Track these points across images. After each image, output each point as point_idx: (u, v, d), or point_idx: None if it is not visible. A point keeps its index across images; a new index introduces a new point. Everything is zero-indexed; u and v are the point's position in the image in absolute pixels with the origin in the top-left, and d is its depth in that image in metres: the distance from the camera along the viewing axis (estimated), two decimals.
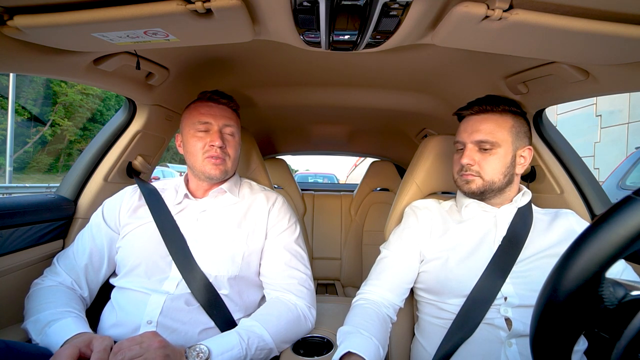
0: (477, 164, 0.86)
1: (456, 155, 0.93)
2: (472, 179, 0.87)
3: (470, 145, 0.87)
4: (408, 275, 0.90)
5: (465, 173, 0.87)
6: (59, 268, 0.88)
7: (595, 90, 0.83)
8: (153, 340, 0.63)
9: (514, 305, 0.77)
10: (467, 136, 0.88)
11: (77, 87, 18.33)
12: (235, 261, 0.87)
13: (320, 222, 2.37)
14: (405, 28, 0.62)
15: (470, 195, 0.90)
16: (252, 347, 0.73)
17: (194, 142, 0.92)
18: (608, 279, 0.36)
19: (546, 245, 0.82)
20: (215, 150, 0.91)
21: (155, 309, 0.79)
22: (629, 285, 0.36)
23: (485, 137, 0.85)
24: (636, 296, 0.35)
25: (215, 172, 0.92)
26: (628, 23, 0.56)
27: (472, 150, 0.87)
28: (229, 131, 0.95)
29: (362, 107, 1.46)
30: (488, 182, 0.86)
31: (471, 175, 0.87)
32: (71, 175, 1.10)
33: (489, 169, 0.85)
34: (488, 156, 0.85)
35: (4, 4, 0.57)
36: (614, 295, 0.35)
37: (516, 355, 0.73)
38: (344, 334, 0.77)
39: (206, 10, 0.55)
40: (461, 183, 0.90)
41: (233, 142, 0.96)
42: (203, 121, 0.91)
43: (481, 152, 0.86)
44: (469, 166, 0.86)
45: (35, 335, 0.72)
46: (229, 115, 0.96)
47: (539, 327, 0.38)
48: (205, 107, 0.93)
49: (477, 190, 0.87)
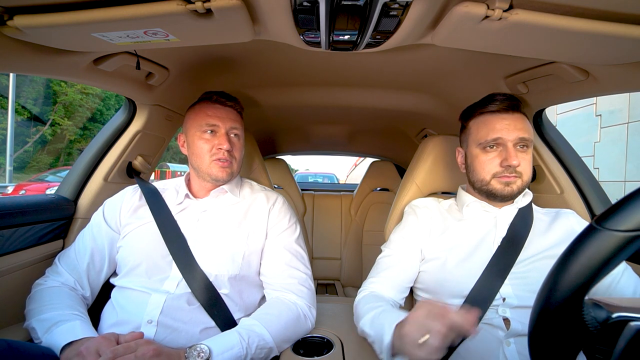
0: (520, 164, 0.81)
1: (486, 155, 0.84)
2: (514, 180, 0.82)
3: (512, 144, 0.81)
4: (408, 273, 0.90)
5: (510, 175, 0.82)
6: (61, 268, 0.88)
7: (595, 90, 0.83)
8: (147, 348, 0.63)
9: (512, 306, 0.77)
10: (507, 133, 0.81)
11: (76, 86, 18.53)
12: (235, 261, 0.87)
13: (320, 222, 2.37)
14: (405, 28, 0.62)
15: (505, 199, 0.85)
16: (252, 346, 0.73)
17: (200, 144, 0.92)
18: (588, 301, 0.36)
19: (546, 246, 0.82)
20: (223, 153, 0.91)
21: (156, 308, 0.79)
22: (611, 306, 0.36)
23: (527, 135, 0.82)
24: (617, 318, 0.35)
25: (222, 174, 0.92)
26: (628, 23, 0.56)
27: (514, 149, 0.82)
28: (234, 133, 0.95)
29: (362, 107, 1.46)
30: (525, 182, 0.83)
31: (514, 176, 0.82)
32: (71, 175, 1.10)
33: (527, 168, 0.83)
34: (526, 155, 0.83)
35: (4, 4, 0.57)
36: (595, 319, 0.35)
37: (514, 354, 0.73)
38: (372, 320, 0.73)
39: (206, 10, 0.55)
40: (499, 186, 0.83)
41: (239, 145, 0.97)
42: (210, 123, 0.92)
43: (521, 151, 0.82)
44: (516, 167, 0.81)
45: (41, 334, 0.73)
46: (235, 117, 0.96)
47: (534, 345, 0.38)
48: (212, 108, 0.93)
49: (517, 192, 0.83)
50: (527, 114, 1.04)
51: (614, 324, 0.35)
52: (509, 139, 0.81)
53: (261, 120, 1.75)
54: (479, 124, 0.87)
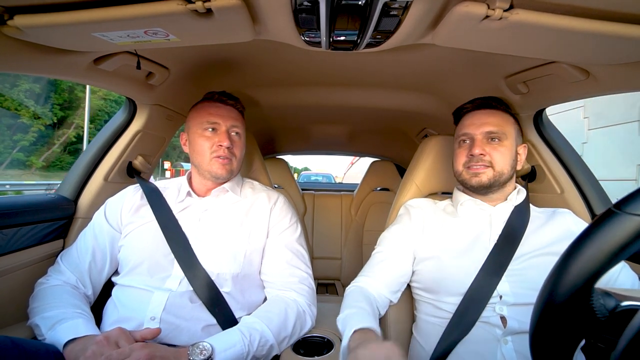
0: (489, 154, 0.86)
1: (460, 149, 0.92)
2: (482, 171, 0.86)
3: (480, 136, 0.87)
4: (399, 271, 0.91)
5: (476, 164, 0.86)
6: (63, 267, 0.88)
7: (595, 90, 0.83)
8: (141, 353, 0.63)
9: (509, 304, 0.77)
10: (475, 128, 0.88)
11: (98, 93, 21.12)
12: (237, 259, 0.88)
13: (320, 221, 2.37)
14: (406, 28, 0.62)
15: (477, 189, 0.88)
16: (254, 343, 0.73)
17: (201, 142, 0.93)
18: (598, 290, 0.36)
19: (543, 243, 0.83)
20: (223, 150, 0.92)
21: (159, 305, 0.80)
22: (619, 295, 0.36)
23: (495, 129, 0.87)
24: (626, 306, 0.35)
25: (222, 171, 0.93)
26: (628, 23, 0.56)
27: (482, 141, 0.87)
28: (235, 132, 0.96)
29: (362, 107, 1.46)
30: (498, 173, 0.86)
31: (483, 166, 0.86)
32: (71, 175, 1.10)
33: (500, 159, 0.86)
34: (498, 147, 0.86)
35: (4, 3, 0.57)
36: (605, 306, 0.35)
37: (512, 352, 0.74)
38: (343, 320, 0.77)
39: (206, 10, 0.55)
40: (468, 176, 0.88)
41: (239, 143, 0.98)
42: (211, 121, 0.93)
43: (490, 143, 0.87)
44: (481, 156, 0.86)
45: (45, 331, 0.73)
46: (236, 116, 0.97)
47: (536, 341, 0.38)
48: (213, 107, 0.95)
49: (487, 182, 0.86)
50: (525, 114, 1.05)
51: (622, 312, 0.35)
52: (476, 133, 0.88)
53: (262, 120, 1.75)
54: (459, 123, 0.96)
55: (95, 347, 0.64)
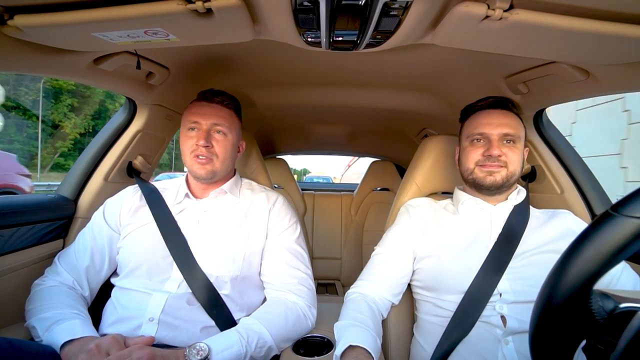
0: (504, 155, 0.86)
1: (472, 147, 0.90)
2: (497, 170, 0.86)
3: (497, 137, 0.87)
4: (400, 272, 0.91)
5: (493, 164, 0.86)
6: (60, 267, 0.88)
7: (596, 90, 0.83)
8: (141, 353, 0.63)
9: (508, 302, 0.77)
10: (492, 128, 0.87)
11: (120, 101, 23.71)
12: (236, 261, 0.87)
13: (320, 222, 2.37)
14: (406, 28, 0.62)
15: (489, 187, 0.87)
16: (251, 344, 0.73)
17: (184, 142, 0.93)
18: (597, 291, 0.36)
19: (543, 242, 0.83)
20: (200, 149, 0.90)
21: (157, 306, 0.79)
22: (618, 297, 0.36)
23: (512, 131, 0.87)
24: (625, 308, 0.35)
25: (200, 171, 0.91)
26: (628, 23, 0.56)
27: (498, 142, 0.87)
28: (218, 130, 0.93)
29: (363, 107, 1.46)
30: (511, 173, 0.86)
31: (498, 165, 0.86)
32: (71, 175, 1.10)
33: (515, 159, 0.87)
34: (513, 148, 0.87)
35: (4, 3, 0.57)
36: (603, 308, 0.35)
37: (513, 353, 0.74)
38: (341, 328, 0.78)
39: (206, 9, 0.55)
40: (482, 175, 0.87)
41: (223, 142, 0.93)
42: (192, 120, 0.91)
43: (506, 144, 0.87)
44: (498, 157, 0.86)
45: (41, 332, 0.73)
46: (221, 114, 0.94)
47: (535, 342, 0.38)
48: (197, 106, 0.93)
49: (500, 182, 0.86)
50: (525, 114, 1.04)
51: (621, 314, 0.35)
52: (493, 134, 0.87)
53: (261, 120, 1.75)
54: (470, 121, 0.94)
55: (86, 355, 0.63)
